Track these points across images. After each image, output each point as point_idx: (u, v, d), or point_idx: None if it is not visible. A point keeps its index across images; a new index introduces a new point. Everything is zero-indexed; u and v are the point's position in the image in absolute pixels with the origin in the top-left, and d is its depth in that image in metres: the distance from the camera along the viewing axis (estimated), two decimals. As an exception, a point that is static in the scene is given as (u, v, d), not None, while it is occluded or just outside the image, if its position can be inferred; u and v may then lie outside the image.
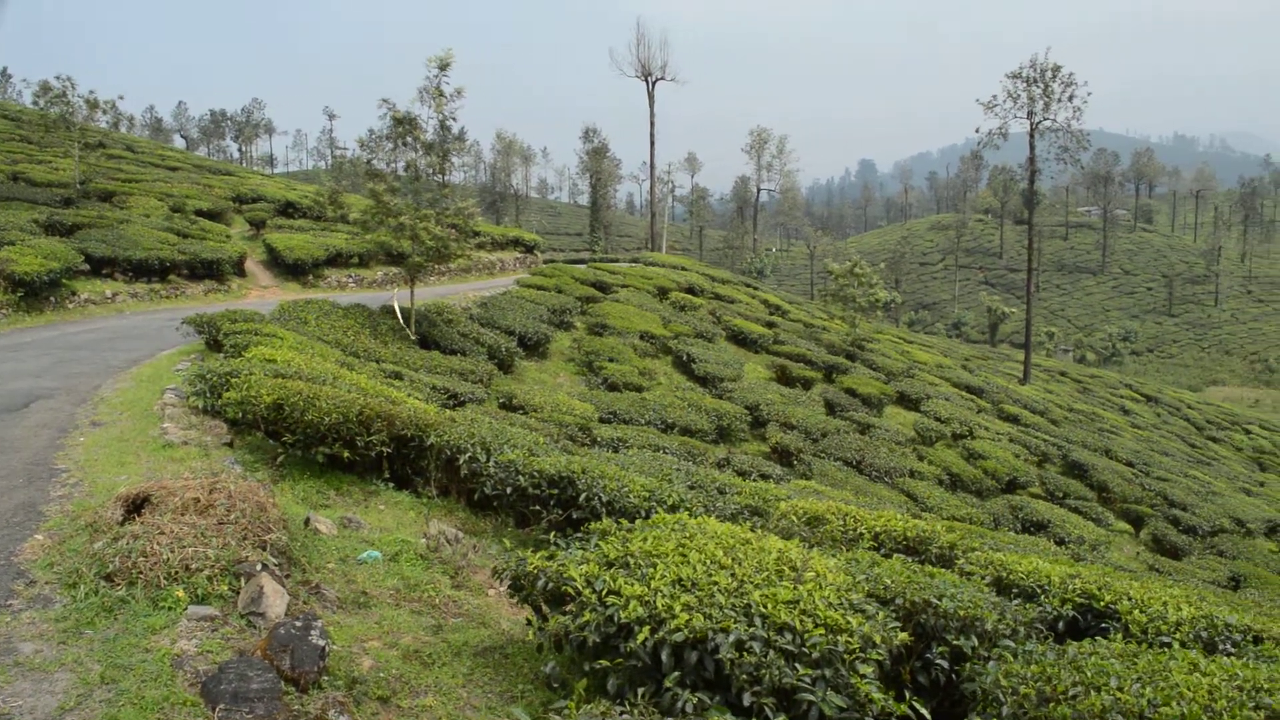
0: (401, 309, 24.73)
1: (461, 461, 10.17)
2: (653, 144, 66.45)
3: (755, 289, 54.54)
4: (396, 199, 23.50)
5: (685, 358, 31.36)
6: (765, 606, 5.04)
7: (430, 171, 24.45)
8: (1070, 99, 53.09)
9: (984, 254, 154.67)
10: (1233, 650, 6.65)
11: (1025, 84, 53.42)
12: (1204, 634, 6.75)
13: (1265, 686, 4.84)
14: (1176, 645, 6.13)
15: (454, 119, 24.15)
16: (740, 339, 36.70)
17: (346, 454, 10.04)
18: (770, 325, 40.62)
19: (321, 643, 5.04)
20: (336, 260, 35.73)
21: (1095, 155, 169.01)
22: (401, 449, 10.60)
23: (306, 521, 8.08)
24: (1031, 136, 54.19)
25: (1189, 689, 4.62)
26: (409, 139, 23.86)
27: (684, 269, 49.49)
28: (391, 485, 10.49)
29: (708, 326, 36.02)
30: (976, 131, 55.20)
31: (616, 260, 58.43)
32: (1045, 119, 53.64)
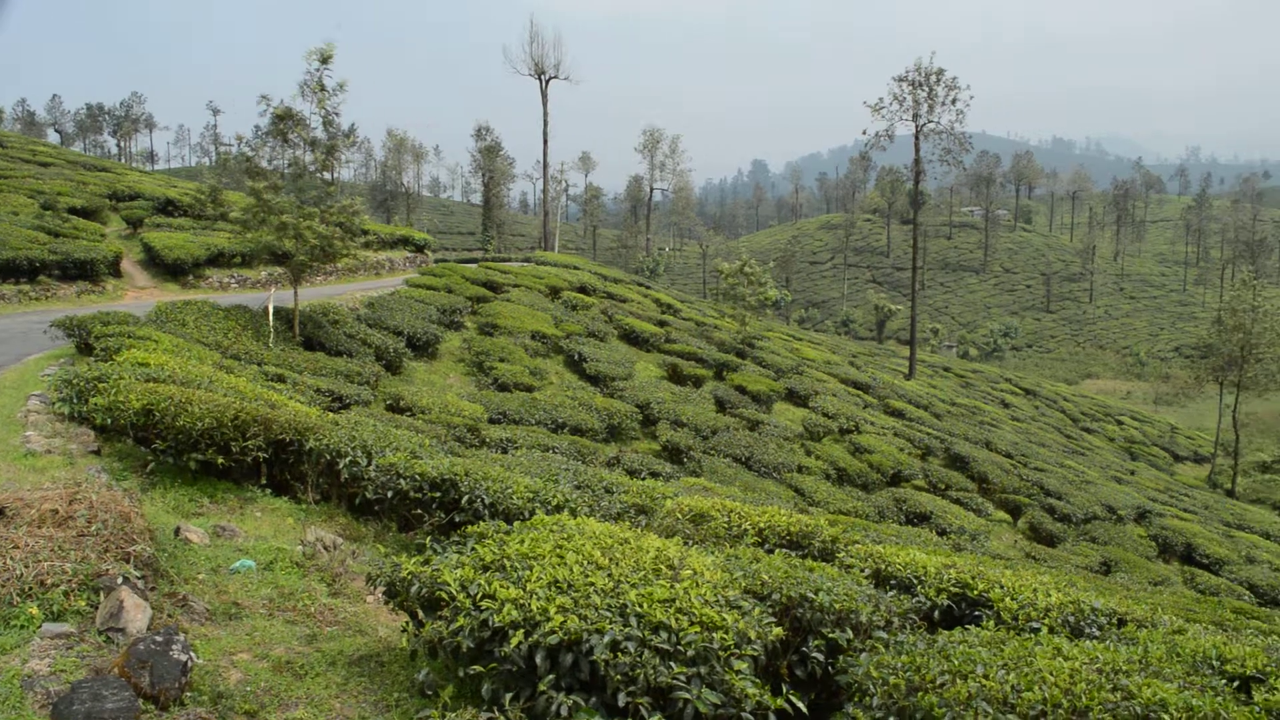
0: (286, 310, 24.16)
1: (342, 465, 9.96)
2: (546, 142, 66.23)
3: (648, 288, 54.77)
4: (279, 197, 22.89)
5: (577, 357, 31.33)
6: (641, 606, 5.04)
7: (315, 169, 23.92)
8: (953, 102, 54.59)
9: (872, 253, 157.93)
10: (1098, 634, 6.90)
11: (911, 87, 54.71)
12: (1071, 619, 6.99)
13: (1124, 668, 5.02)
14: (1045, 631, 6.32)
15: (338, 114, 23.68)
16: (632, 338, 36.80)
17: (221, 460, 9.72)
18: (662, 324, 40.82)
19: (184, 657, 4.87)
20: (218, 260, 34.69)
21: (978, 157, 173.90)
22: (280, 454, 10.32)
23: (177, 531, 7.82)
24: (917, 139, 55.52)
25: (1052, 673, 4.76)
26: (292, 136, 23.30)
27: (577, 268, 49.43)
28: (269, 492, 10.19)
29: (600, 326, 36.04)
30: (864, 133, 56.45)
31: (509, 259, 58.09)
32: (930, 122, 55.03)
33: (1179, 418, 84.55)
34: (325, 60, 22.86)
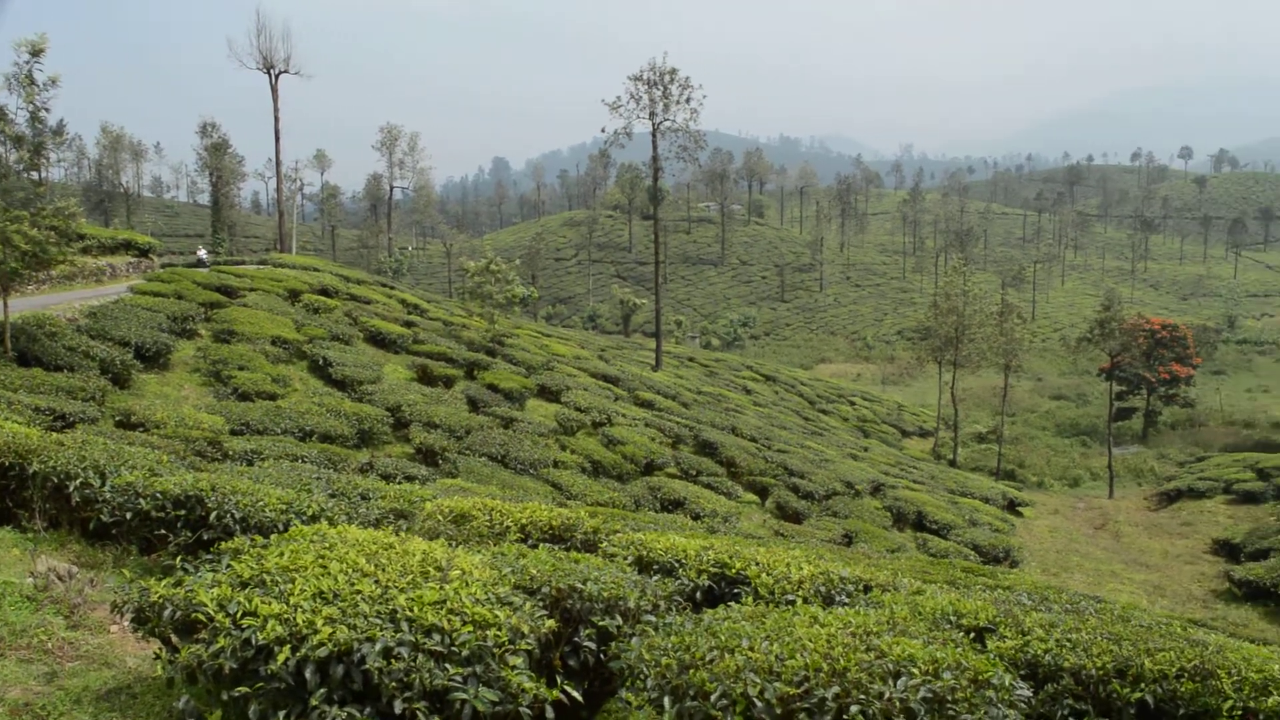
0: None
1: (72, 488, 9.24)
2: (278, 139, 63.53)
3: (392, 289, 53.62)
4: (-20, 200, 21.00)
5: (322, 362, 30.32)
6: (411, 610, 4.95)
7: (21, 168, 22.08)
8: (688, 101, 56.30)
9: (615, 248, 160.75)
10: (847, 600, 7.32)
11: (646, 86, 55.99)
12: (823, 589, 7.38)
13: (874, 630, 5.36)
14: (800, 602, 6.64)
15: (47, 109, 21.95)
16: (379, 340, 35.96)
17: (-72, 491, 8.85)
18: (409, 325, 40.10)
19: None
20: (-92, 271, 31.38)
21: (712, 154, 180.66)
22: (0, 480, 9.50)
23: (-120, 571, 7.06)
24: (654, 136, 56.90)
25: (810, 640, 5.02)
26: (-6, 133, 21.43)
27: (317, 270, 47.76)
28: (-12, 522, 9.37)
29: (344, 329, 35.00)
30: (603, 131, 57.22)
31: (243, 262, 55.37)
32: (666, 120, 56.51)
33: (905, 396, 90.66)
34: (36, 53, 21.12)
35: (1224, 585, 34.02)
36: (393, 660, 4.62)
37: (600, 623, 5.90)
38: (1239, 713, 5.56)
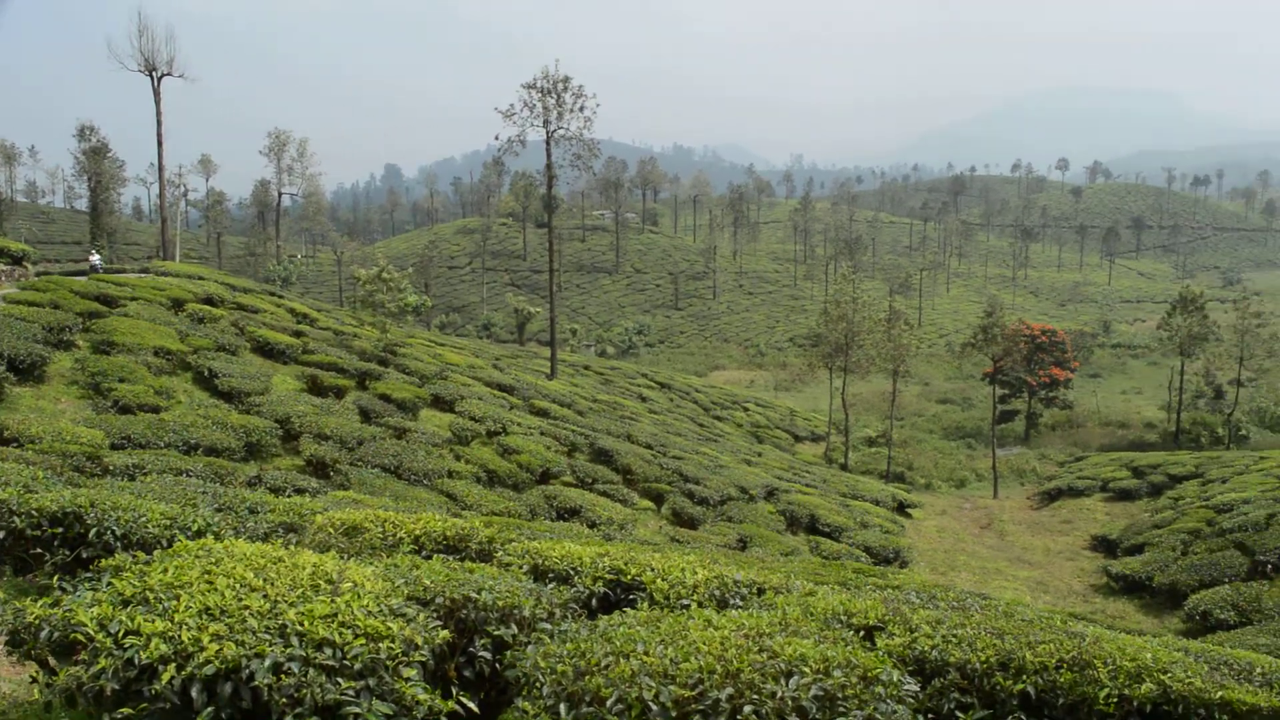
0: None
1: (-60, 507, 8.86)
2: (160, 144, 61.62)
3: (281, 298, 52.48)
4: None
5: (207, 373, 29.49)
6: (302, 624, 4.87)
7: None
8: (582, 110, 56.31)
9: (509, 256, 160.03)
10: (741, 603, 7.42)
11: (540, 94, 55.86)
12: (717, 592, 7.47)
13: (767, 631, 5.45)
14: (695, 606, 6.71)
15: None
16: (267, 350, 35.14)
17: None
18: (299, 334, 39.28)
19: None
20: None
21: (606, 163, 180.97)
22: None
23: None
24: (548, 144, 56.79)
25: (705, 643, 5.08)
26: None
27: (202, 278, 46.49)
28: None
29: (231, 339, 34.11)
30: (496, 139, 56.88)
31: (124, 270, 53.57)
32: (560, 128, 56.42)
33: (797, 401, 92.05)
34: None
35: (1103, 580, 35.31)
36: (283, 676, 4.54)
37: (495, 632, 5.88)
38: (1115, 700, 5.80)
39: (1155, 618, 30.08)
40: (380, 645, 4.86)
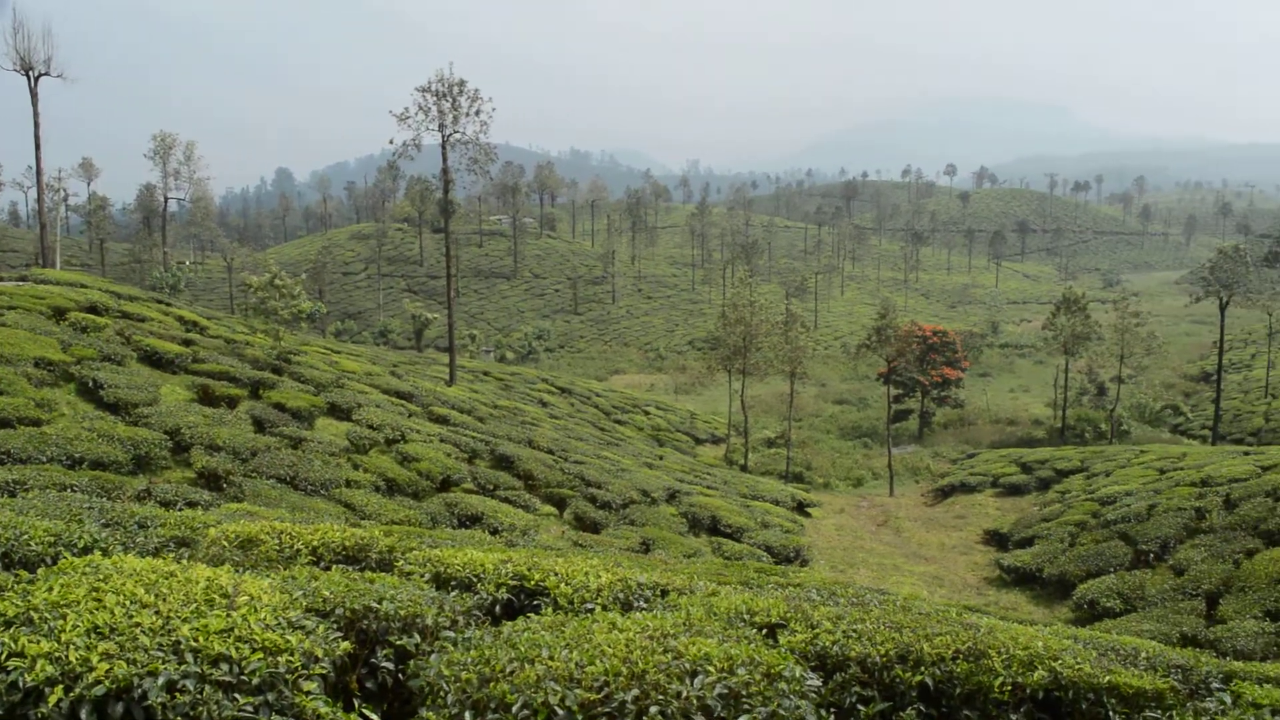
0: None
1: None
2: (39, 147, 59.35)
3: (169, 305, 50.98)
4: None
5: (92, 384, 28.50)
6: (197, 640, 4.74)
7: None
8: (478, 114, 55.90)
9: (406, 262, 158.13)
10: (645, 605, 7.46)
11: (435, 98, 55.33)
12: (621, 595, 7.50)
13: (671, 632, 5.48)
14: (599, 609, 6.72)
15: None
16: (155, 360, 34.10)
17: None
18: (188, 343, 38.20)
19: None
20: None
21: (503, 168, 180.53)
22: None
23: None
24: (444, 148, 56.27)
25: (609, 646, 5.09)
26: None
27: (85, 286, 44.89)
28: None
29: (116, 348, 33.01)
30: (391, 143, 56.17)
31: (1, 279, 51.56)
32: (455, 132, 55.94)
33: (697, 404, 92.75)
34: None
35: (995, 572, 36.32)
36: (177, 694, 4.42)
37: (398, 642, 5.81)
38: (1009, 688, 5.98)
39: (1046, 608, 31.06)
40: (279, 659, 4.76)
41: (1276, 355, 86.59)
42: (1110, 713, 6.06)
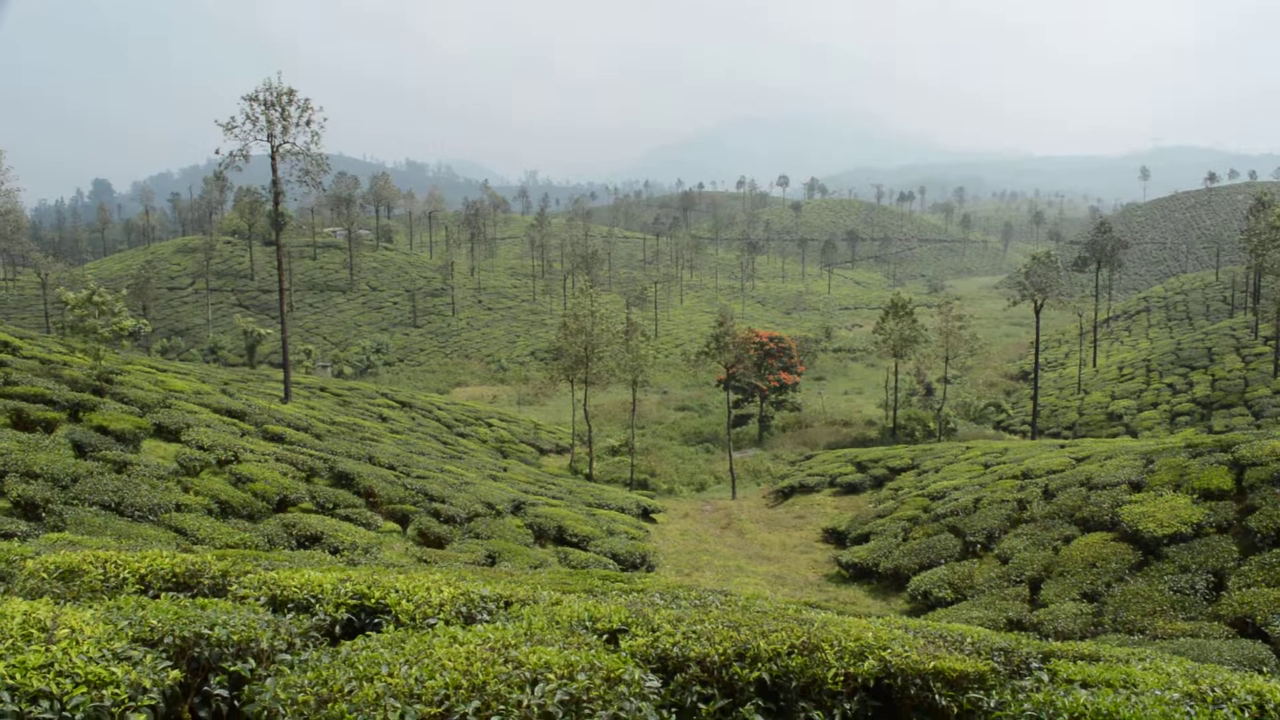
0: None
1: None
2: None
3: (-24, 326, 48.06)
4: None
5: (-110, 412, 26.66)
6: (14, 677, 4.54)
7: None
8: (309, 124, 54.44)
9: (236, 276, 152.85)
10: (488, 618, 7.47)
11: (264, 107, 53.65)
12: (464, 609, 7.49)
13: (512, 642, 5.52)
14: (441, 624, 6.70)
15: None
16: (-38, 384, 32.09)
17: None
18: (-1, 365, 36.08)
19: None
20: None
21: (337, 179, 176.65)
22: None
23: None
24: (274, 159, 54.62)
25: (450, 659, 5.09)
26: None
27: (-121, 308, 41.97)
28: None
29: (-83, 373, 30.97)
30: (217, 153, 54.22)
31: None
32: (285, 142, 54.36)
33: (541, 415, 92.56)
34: None
35: (835, 569, 37.45)
36: (-8, 734, 4.22)
37: (232, 668, 5.67)
38: (841, 678, 6.24)
39: (883, 600, 32.21)
40: (104, 692, 4.60)
41: (1087, 353, 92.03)
42: (936, 695, 6.39)
